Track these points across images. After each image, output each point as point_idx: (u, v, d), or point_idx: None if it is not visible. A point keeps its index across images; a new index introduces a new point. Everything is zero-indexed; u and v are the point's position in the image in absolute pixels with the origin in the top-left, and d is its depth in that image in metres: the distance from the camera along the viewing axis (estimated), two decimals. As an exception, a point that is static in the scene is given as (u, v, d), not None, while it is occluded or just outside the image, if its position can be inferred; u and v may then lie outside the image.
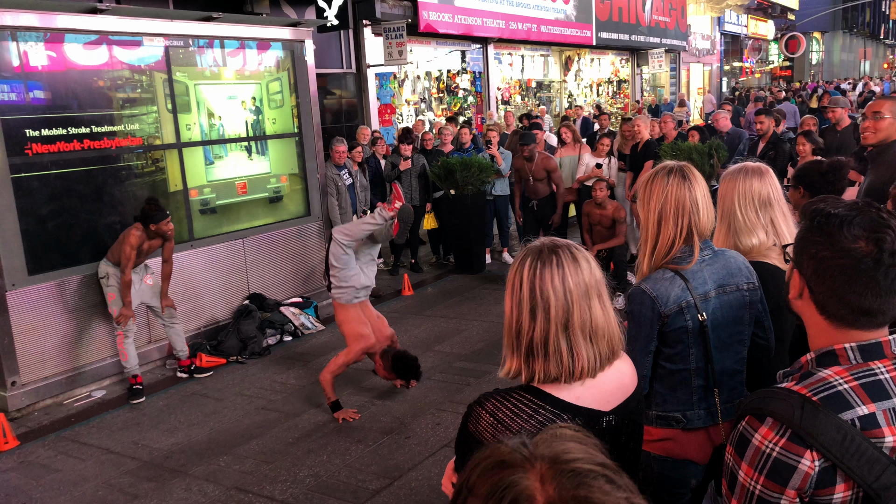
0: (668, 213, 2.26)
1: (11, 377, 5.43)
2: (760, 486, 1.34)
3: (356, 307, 5.24)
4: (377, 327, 5.33)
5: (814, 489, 1.32)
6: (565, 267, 1.61)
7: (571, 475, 0.82)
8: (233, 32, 6.96)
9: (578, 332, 1.61)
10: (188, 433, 5.15)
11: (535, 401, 1.60)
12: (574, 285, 1.60)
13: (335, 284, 5.16)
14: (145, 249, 5.82)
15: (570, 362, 1.60)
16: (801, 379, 1.41)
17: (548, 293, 1.60)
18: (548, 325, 1.60)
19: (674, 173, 2.29)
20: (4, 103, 5.35)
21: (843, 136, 7.59)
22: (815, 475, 1.31)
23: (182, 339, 6.20)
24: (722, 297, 2.30)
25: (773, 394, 1.39)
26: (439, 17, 12.52)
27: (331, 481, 4.37)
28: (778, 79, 36.43)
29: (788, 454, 1.32)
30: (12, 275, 5.39)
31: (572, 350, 1.60)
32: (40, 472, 4.70)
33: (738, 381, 2.40)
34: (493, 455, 0.88)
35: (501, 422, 1.58)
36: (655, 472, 2.36)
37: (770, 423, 1.35)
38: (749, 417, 1.39)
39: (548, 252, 1.63)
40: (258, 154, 7.41)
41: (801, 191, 3.35)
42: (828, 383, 1.37)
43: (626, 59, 21.14)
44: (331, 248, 5.13)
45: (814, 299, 1.44)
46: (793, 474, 1.31)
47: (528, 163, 8.32)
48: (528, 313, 1.61)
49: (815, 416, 1.31)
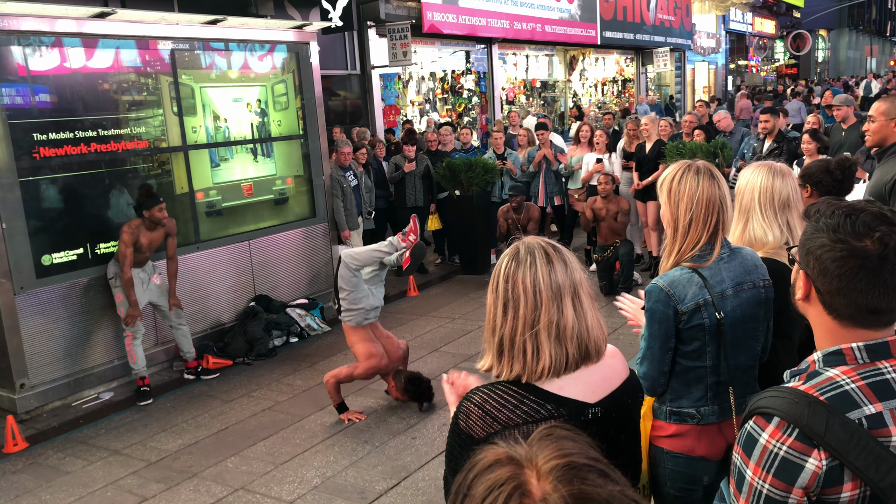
0: (700, 212, 2.27)
1: (20, 379, 5.47)
2: (768, 486, 1.35)
3: (367, 329, 5.23)
4: (389, 348, 5.31)
5: (821, 488, 1.33)
6: (538, 267, 1.65)
7: (566, 469, 0.84)
8: (238, 35, 6.99)
9: (544, 332, 1.64)
10: (195, 434, 5.18)
11: (520, 391, 1.65)
12: (545, 286, 1.64)
13: (345, 307, 5.15)
14: (146, 244, 5.76)
15: (534, 361, 1.64)
16: (808, 379, 1.42)
17: (518, 292, 1.65)
18: (516, 322, 1.65)
19: (702, 172, 2.30)
20: (12, 107, 5.38)
21: (849, 134, 7.58)
22: (822, 474, 1.31)
23: (189, 341, 6.22)
24: (740, 294, 2.32)
25: (781, 394, 1.40)
26: (443, 18, 12.54)
27: (338, 481, 4.38)
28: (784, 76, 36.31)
29: (796, 454, 1.32)
30: (21, 278, 5.43)
31: (537, 349, 1.64)
32: (50, 474, 4.73)
33: (752, 377, 2.41)
34: (488, 456, 0.90)
35: (489, 413, 1.63)
36: (668, 469, 2.37)
37: (777, 422, 1.36)
38: (756, 417, 1.40)
39: (524, 252, 1.67)
40: (264, 156, 7.43)
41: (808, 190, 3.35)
42: (835, 383, 1.37)
43: (631, 59, 21.12)
44: (339, 271, 5.11)
45: (821, 299, 1.44)
46: (800, 473, 1.32)
47: (516, 214, 8.55)
48: (501, 310, 1.67)
49: (822, 416, 1.32)
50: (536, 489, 0.83)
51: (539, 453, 0.87)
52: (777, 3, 32.54)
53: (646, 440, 2.41)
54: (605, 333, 1.73)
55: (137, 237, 5.68)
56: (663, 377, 2.33)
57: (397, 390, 5.26)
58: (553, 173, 9.41)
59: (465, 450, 1.61)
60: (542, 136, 9.40)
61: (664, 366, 2.31)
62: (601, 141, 8.86)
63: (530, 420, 1.62)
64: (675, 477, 2.37)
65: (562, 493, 0.81)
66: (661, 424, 2.38)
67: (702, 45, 25.12)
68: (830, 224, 1.41)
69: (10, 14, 5.32)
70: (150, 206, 5.66)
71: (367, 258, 5.10)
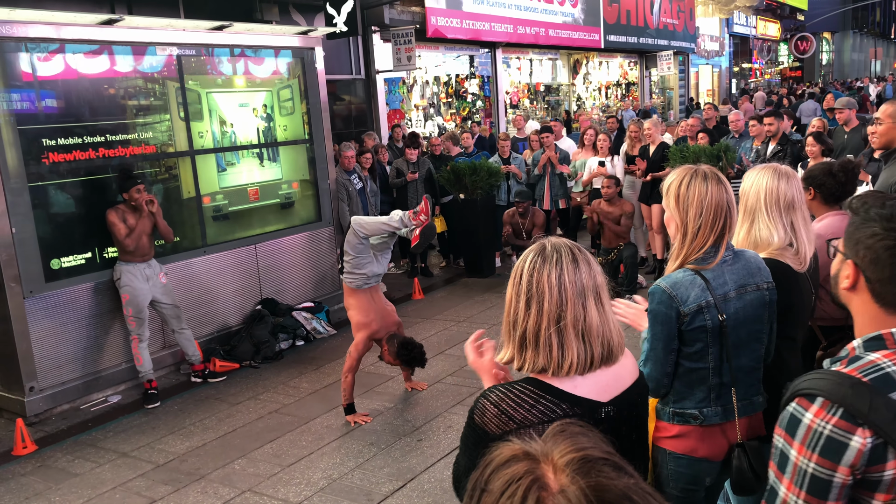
0: (709, 218, 2.30)
1: (30, 382, 5.52)
2: (814, 465, 1.38)
3: (366, 293, 5.31)
4: (384, 314, 5.37)
5: (866, 466, 1.36)
6: (564, 265, 1.69)
7: (582, 462, 0.87)
8: (244, 41, 7.04)
9: (570, 328, 1.67)
10: (203, 437, 5.22)
11: (537, 391, 1.68)
12: (570, 284, 1.68)
13: (347, 270, 5.24)
14: (138, 229, 5.72)
15: (560, 356, 1.67)
16: (849, 363, 1.46)
17: (543, 287, 1.68)
18: (540, 317, 1.68)
19: (710, 178, 2.33)
20: (21, 112, 5.44)
21: (852, 136, 7.59)
22: (867, 451, 1.35)
23: (193, 345, 6.24)
24: (743, 296, 2.34)
25: (823, 376, 1.44)
26: (447, 23, 12.58)
27: (344, 483, 4.42)
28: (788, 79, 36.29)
29: (841, 432, 1.36)
30: (30, 282, 5.48)
31: (562, 345, 1.67)
32: (59, 476, 4.77)
33: (755, 379, 2.43)
34: (505, 452, 0.92)
35: (505, 412, 1.65)
36: (670, 469, 2.40)
37: (821, 402, 1.39)
38: (799, 399, 1.43)
39: (551, 249, 1.71)
40: (269, 161, 7.48)
41: (811, 192, 3.37)
42: (876, 366, 1.42)
43: (635, 62, 21.13)
44: (347, 236, 5.21)
45: (870, 288, 1.49)
46: (846, 451, 1.36)
47: (521, 218, 8.54)
48: (524, 304, 1.70)
49: (865, 395, 1.36)
50: (553, 482, 0.85)
51: (554, 448, 0.90)
52: (781, 6, 32.53)
53: (648, 441, 2.43)
54: (623, 338, 1.77)
55: (125, 220, 5.67)
56: (666, 378, 2.36)
57: (390, 354, 5.29)
58: (558, 176, 9.44)
59: (480, 443, 1.64)
60: (547, 140, 9.44)
61: (667, 367, 2.34)
62: (604, 145, 8.90)
63: (545, 419, 1.64)
64: (678, 478, 2.40)
65: (580, 485, 0.84)
66: (664, 425, 2.41)
67: (705, 49, 25.13)
68: (883, 214, 1.46)
69: (19, 21, 5.38)
70: (127, 187, 5.62)
71: (374, 229, 5.19)
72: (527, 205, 8.57)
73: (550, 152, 9.34)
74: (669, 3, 20.65)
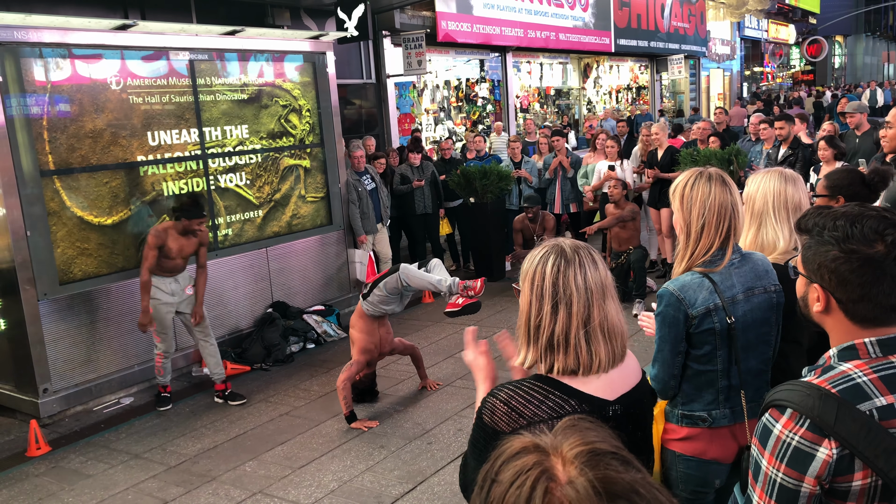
0: (712, 218, 2.31)
1: (43, 384, 5.57)
2: (782, 475, 1.41)
3: (376, 320, 5.45)
4: (384, 342, 5.54)
5: (832, 477, 1.38)
6: (587, 266, 1.69)
7: (591, 455, 0.89)
8: (256, 45, 7.10)
9: (598, 329, 1.69)
10: (214, 438, 5.25)
11: (546, 388, 1.69)
12: (594, 284, 1.69)
13: (371, 301, 5.31)
14: (175, 249, 5.58)
15: (588, 357, 1.69)
16: (822, 373, 1.48)
17: (571, 290, 1.67)
18: (570, 320, 1.67)
19: (714, 179, 2.34)
20: (36, 116, 5.50)
21: (863, 140, 7.55)
22: (832, 462, 1.37)
23: (218, 361, 5.91)
24: (751, 299, 2.35)
25: (794, 387, 1.46)
26: (458, 27, 12.62)
27: (354, 486, 4.43)
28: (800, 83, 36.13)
29: (807, 443, 1.38)
30: (44, 284, 5.54)
31: (590, 346, 1.69)
32: (72, 477, 4.82)
33: (764, 381, 2.44)
34: (515, 444, 0.94)
35: (515, 409, 1.66)
36: (680, 472, 2.40)
37: (790, 414, 1.42)
38: (772, 410, 1.46)
39: (570, 251, 1.71)
40: (280, 164, 7.51)
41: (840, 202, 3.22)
42: (847, 376, 1.43)
43: (646, 66, 21.10)
44: (389, 279, 5.25)
45: (842, 308, 1.49)
46: (812, 462, 1.38)
47: (531, 223, 8.55)
48: (550, 308, 1.68)
49: (832, 407, 1.38)
50: (562, 474, 0.87)
51: (564, 441, 0.92)
52: (792, 10, 32.40)
53: (658, 443, 2.44)
54: (627, 334, 1.79)
55: (165, 241, 5.52)
56: (674, 380, 2.36)
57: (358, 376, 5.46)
58: (569, 180, 9.44)
59: (489, 442, 1.64)
60: (558, 143, 9.44)
61: (675, 369, 2.34)
62: (612, 150, 8.90)
63: (555, 416, 1.65)
64: (687, 480, 2.40)
65: (588, 477, 0.85)
66: (673, 427, 2.41)
67: (716, 52, 25.05)
68: (837, 236, 1.46)
69: (33, 27, 5.45)
70: (191, 216, 5.52)
71: (419, 285, 5.28)
72: (536, 209, 8.58)
73: (562, 156, 9.35)
74: (680, 7, 20.63)
